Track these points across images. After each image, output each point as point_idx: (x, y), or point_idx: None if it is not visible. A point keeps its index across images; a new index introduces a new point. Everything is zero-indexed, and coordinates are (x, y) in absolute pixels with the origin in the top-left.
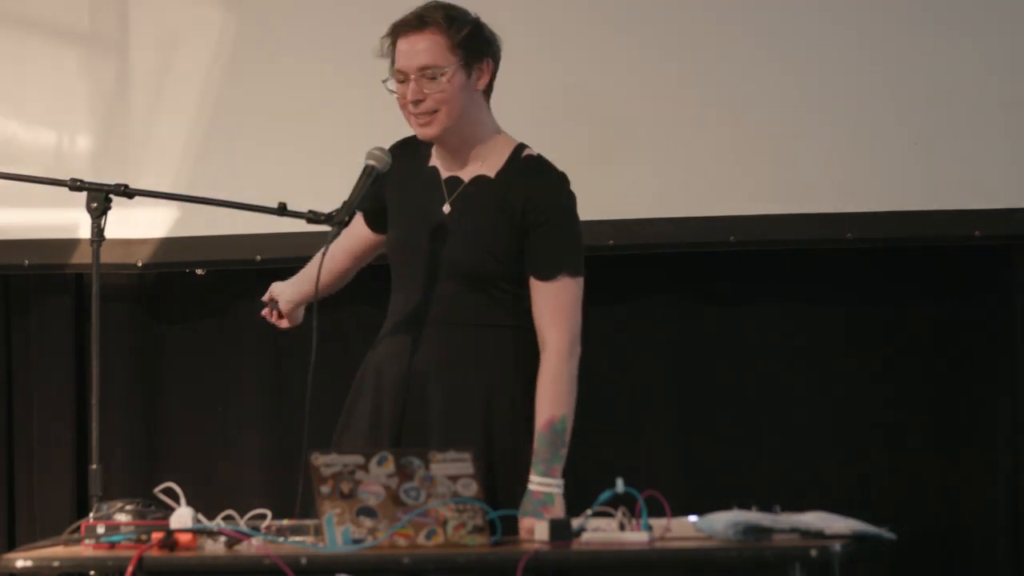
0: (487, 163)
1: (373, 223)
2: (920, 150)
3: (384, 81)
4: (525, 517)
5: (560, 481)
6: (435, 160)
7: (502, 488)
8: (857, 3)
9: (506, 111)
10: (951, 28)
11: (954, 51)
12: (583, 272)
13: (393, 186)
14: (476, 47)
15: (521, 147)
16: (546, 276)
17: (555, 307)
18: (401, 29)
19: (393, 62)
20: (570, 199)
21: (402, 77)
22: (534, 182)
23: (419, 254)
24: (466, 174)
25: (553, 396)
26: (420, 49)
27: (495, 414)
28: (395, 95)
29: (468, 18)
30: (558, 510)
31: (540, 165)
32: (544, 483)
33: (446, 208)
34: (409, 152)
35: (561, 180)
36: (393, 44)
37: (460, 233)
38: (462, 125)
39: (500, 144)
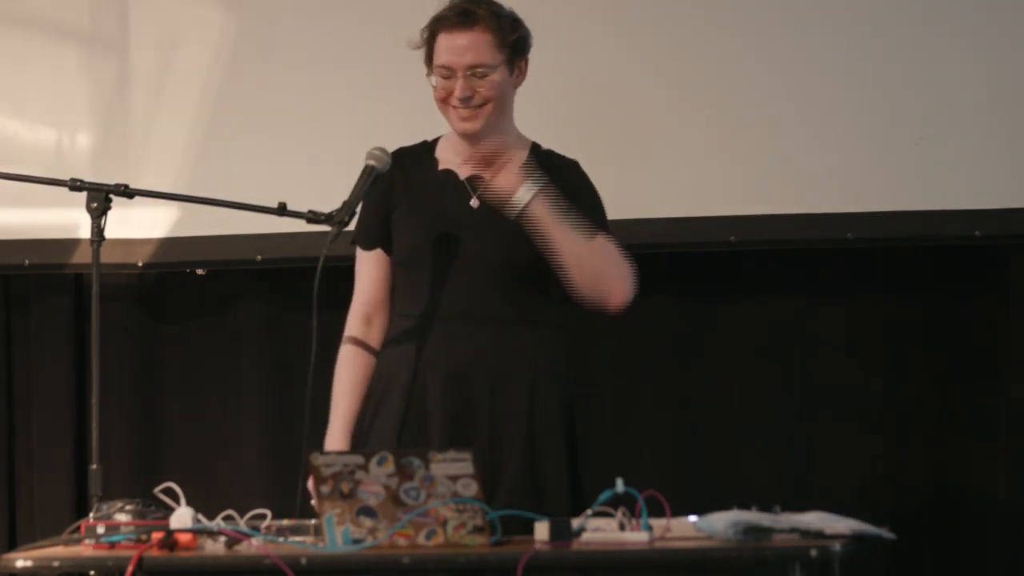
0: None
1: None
2: (920, 150)
3: (429, 75)
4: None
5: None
6: (448, 163)
7: (542, 476)
8: (858, 3)
9: None
10: (952, 29)
11: (954, 51)
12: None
13: (402, 196)
14: (519, 46)
15: (536, 143)
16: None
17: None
18: (445, 24)
19: (430, 54)
20: (594, 187)
21: (448, 73)
22: (562, 170)
23: (448, 253)
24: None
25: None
26: (469, 46)
27: (537, 409)
28: (435, 89)
29: (509, 14)
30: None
31: (561, 157)
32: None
33: (474, 203)
34: (412, 161)
35: (582, 170)
36: (432, 38)
37: (495, 227)
38: (501, 120)
39: (519, 141)
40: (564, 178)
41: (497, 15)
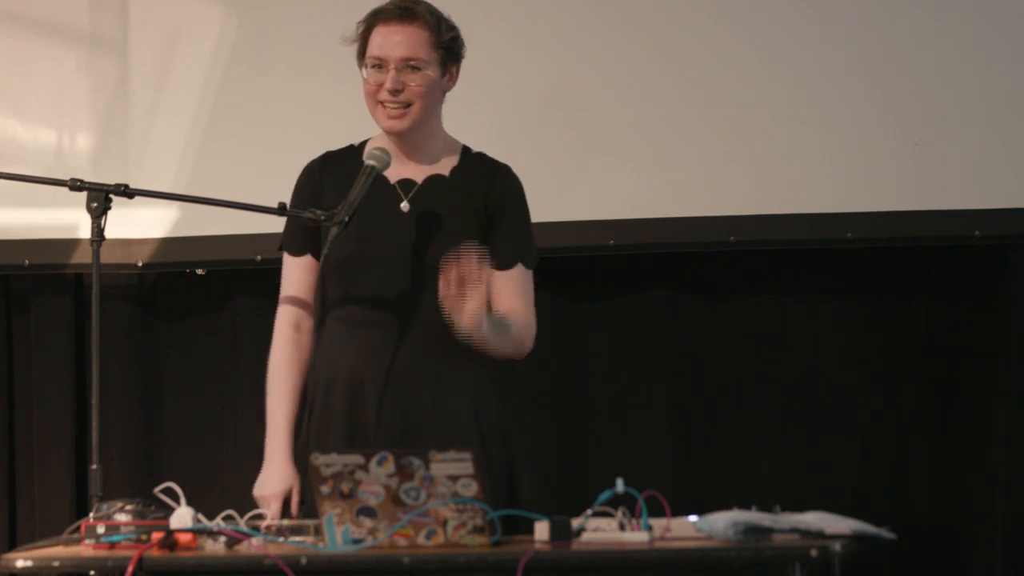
0: (438, 163)
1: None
2: (920, 150)
3: (360, 68)
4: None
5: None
6: None
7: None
8: (858, 3)
9: (507, 110)
10: (951, 28)
11: (954, 51)
12: (535, 265)
13: (333, 201)
14: (454, 51)
15: (467, 147)
16: (505, 265)
17: (517, 289)
18: (383, 17)
19: (363, 47)
20: (523, 192)
21: (379, 63)
22: (493, 176)
23: (381, 257)
24: (418, 175)
25: (514, 320)
26: (405, 40)
27: (482, 409)
28: (365, 82)
29: (448, 20)
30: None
31: (492, 161)
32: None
33: (404, 206)
34: (343, 165)
35: (513, 173)
36: (368, 31)
37: (426, 231)
38: (428, 122)
39: (448, 145)
40: (495, 181)
41: (436, 16)
